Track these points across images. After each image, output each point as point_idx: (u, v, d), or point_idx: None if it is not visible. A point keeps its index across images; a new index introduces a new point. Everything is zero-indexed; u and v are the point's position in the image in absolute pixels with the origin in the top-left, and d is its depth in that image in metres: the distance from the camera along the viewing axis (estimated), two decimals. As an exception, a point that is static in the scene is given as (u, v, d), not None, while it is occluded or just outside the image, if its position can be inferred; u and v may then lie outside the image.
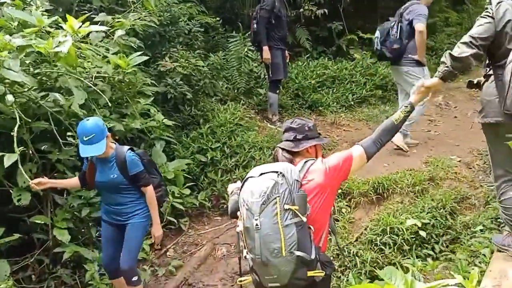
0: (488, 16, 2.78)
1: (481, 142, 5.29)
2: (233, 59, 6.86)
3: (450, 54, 2.77)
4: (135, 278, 3.35)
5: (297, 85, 6.92)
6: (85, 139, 3.03)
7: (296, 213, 1.94)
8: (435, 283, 2.07)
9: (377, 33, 5.15)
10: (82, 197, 3.96)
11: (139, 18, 4.73)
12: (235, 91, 6.58)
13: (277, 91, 6.19)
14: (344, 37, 7.96)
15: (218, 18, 7.31)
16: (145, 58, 4.43)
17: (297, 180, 2.02)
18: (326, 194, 2.12)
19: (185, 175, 4.83)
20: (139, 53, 4.33)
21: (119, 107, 4.44)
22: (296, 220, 1.94)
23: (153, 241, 3.61)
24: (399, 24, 5.01)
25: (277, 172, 2.00)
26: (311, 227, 2.03)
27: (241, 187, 2.08)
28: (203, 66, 5.65)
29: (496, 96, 2.79)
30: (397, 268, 3.30)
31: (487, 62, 2.95)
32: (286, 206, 1.93)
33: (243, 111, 6.02)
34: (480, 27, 2.77)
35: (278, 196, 1.93)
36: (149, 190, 3.34)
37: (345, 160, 2.20)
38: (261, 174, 2.02)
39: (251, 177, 2.06)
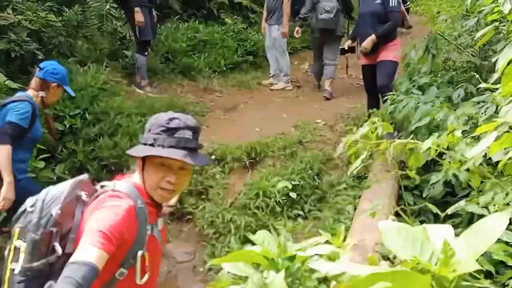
0: None
1: (343, 107, 5.67)
2: (93, 16, 6.12)
3: None
4: None
5: (167, 48, 6.54)
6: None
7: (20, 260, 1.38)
8: (305, 243, 2.10)
9: None
10: None
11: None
12: (98, 52, 5.93)
13: (146, 53, 5.74)
14: (214, 0, 7.73)
15: (72, -33, 6.46)
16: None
17: (51, 215, 1.42)
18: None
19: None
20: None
21: None
22: (18, 270, 1.37)
23: None
24: None
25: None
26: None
27: None
28: (56, 22, 4.92)
29: None
30: (269, 230, 3.36)
31: None
32: (17, 244, 1.40)
33: (107, 75, 5.46)
34: None
35: (20, 227, 1.43)
36: None
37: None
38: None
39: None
